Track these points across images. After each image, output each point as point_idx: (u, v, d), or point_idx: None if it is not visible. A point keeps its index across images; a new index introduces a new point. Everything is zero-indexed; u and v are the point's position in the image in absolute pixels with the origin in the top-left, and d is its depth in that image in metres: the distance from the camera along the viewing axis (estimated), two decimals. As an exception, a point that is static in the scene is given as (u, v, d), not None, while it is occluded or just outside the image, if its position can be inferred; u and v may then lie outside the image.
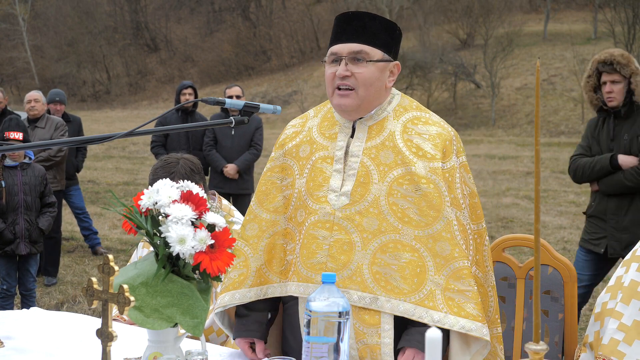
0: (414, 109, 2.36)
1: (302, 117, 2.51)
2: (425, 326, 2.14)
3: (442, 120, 2.37)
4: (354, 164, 2.27)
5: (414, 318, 2.16)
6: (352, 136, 2.32)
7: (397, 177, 2.22)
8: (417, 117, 2.33)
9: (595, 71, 4.72)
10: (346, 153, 2.30)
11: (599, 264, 4.89)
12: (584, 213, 5.01)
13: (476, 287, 2.18)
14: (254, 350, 2.37)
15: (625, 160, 4.64)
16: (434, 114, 2.38)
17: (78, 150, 8.35)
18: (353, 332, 2.20)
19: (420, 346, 2.15)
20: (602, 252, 4.75)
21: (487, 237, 2.33)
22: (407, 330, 2.21)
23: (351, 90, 2.26)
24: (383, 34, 2.29)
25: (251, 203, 2.45)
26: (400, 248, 2.18)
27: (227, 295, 2.37)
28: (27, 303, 5.82)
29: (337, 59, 2.28)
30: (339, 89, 2.27)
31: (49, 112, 8.06)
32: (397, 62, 2.34)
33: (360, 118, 2.32)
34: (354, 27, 2.26)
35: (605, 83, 4.66)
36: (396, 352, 2.21)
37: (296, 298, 2.30)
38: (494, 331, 2.28)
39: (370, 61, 2.26)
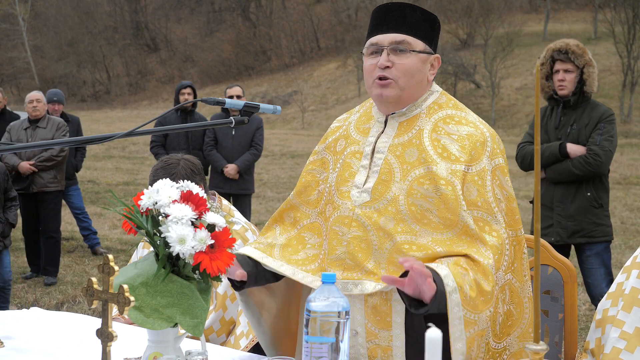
0: (450, 107, 2.27)
1: (350, 112, 2.48)
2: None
3: (480, 120, 2.27)
4: (378, 161, 2.23)
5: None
6: (383, 131, 2.28)
7: (418, 176, 2.16)
8: (450, 116, 2.24)
9: (549, 59, 4.79)
10: (374, 149, 2.26)
11: None
12: (530, 202, 5.05)
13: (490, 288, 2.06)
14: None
15: (573, 148, 4.71)
16: (472, 113, 2.29)
17: (77, 150, 8.36)
18: (364, 331, 2.19)
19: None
20: (552, 240, 4.76)
21: (525, 245, 2.25)
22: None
23: (391, 80, 2.20)
24: (424, 25, 2.24)
25: (292, 193, 2.45)
26: (415, 249, 2.12)
27: (256, 251, 2.35)
28: (4, 296, 5.89)
29: (377, 50, 2.22)
30: (379, 79, 2.21)
31: (47, 111, 8.08)
32: (437, 55, 2.29)
33: (393, 113, 2.27)
34: (394, 17, 2.22)
35: (558, 71, 4.74)
36: (408, 356, 2.18)
37: None
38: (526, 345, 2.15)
39: (413, 51, 2.20)
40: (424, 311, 1.99)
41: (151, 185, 2.71)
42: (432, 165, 2.14)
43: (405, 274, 2.01)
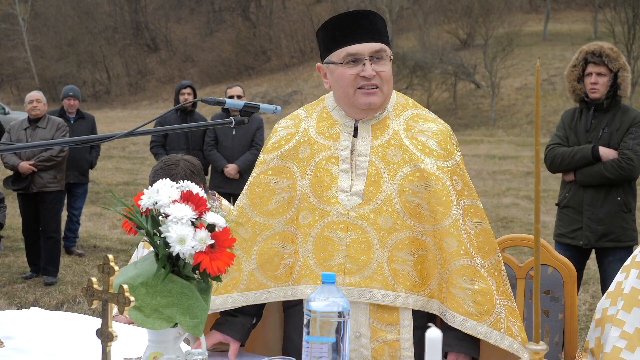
0: (411, 107, 2.39)
1: (293, 117, 2.46)
2: (453, 330, 2.21)
3: (437, 116, 2.42)
4: (362, 163, 2.27)
5: (426, 309, 2.23)
6: (354, 135, 2.31)
7: (407, 174, 2.25)
8: (416, 115, 2.36)
9: (582, 61, 4.77)
10: (351, 153, 2.29)
11: (579, 258, 4.89)
12: (557, 204, 5.03)
13: (477, 286, 2.20)
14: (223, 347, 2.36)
15: (605, 152, 4.67)
16: (429, 110, 2.42)
17: (92, 147, 8.43)
18: (368, 331, 2.21)
19: (460, 349, 2.23)
20: (581, 244, 4.75)
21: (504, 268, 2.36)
22: (446, 333, 2.21)
23: (376, 88, 2.27)
24: (385, 31, 2.33)
25: (242, 205, 2.39)
26: (414, 244, 2.22)
27: (218, 298, 2.33)
28: None
29: (356, 59, 2.26)
30: (362, 88, 2.26)
31: (63, 107, 8.17)
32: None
33: (365, 117, 2.32)
34: (366, 25, 2.27)
35: (590, 74, 4.71)
36: (417, 353, 2.23)
37: (302, 300, 2.27)
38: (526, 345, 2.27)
39: (389, 58, 2.30)
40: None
41: (151, 186, 2.72)
42: (419, 162, 2.25)
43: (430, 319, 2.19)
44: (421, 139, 2.29)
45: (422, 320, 2.24)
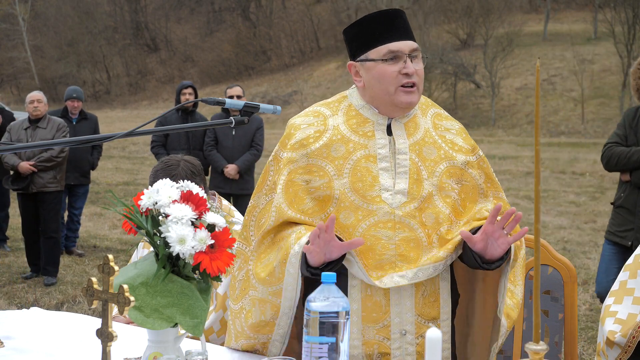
0: (431, 106, 2.45)
1: (315, 114, 2.40)
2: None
3: None
4: (403, 162, 2.28)
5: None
6: (388, 134, 2.33)
7: (443, 171, 2.30)
8: (438, 114, 2.44)
9: None
10: (389, 151, 2.30)
11: (624, 257, 4.85)
12: (612, 203, 4.95)
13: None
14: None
15: None
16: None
17: (94, 147, 8.44)
18: (413, 328, 2.23)
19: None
20: (630, 244, 4.66)
21: None
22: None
23: (414, 87, 2.30)
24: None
25: (279, 205, 2.29)
26: (453, 239, 2.27)
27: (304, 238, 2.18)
28: None
29: (397, 57, 2.28)
30: (405, 86, 2.28)
31: (66, 108, 8.17)
32: None
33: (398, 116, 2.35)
34: (400, 24, 2.31)
35: None
36: (453, 340, 2.34)
37: None
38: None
39: (423, 57, 2.35)
40: (496, 266, 2.21)
41: (151, 186, 2.72)
42: (452, 159, 2.32)
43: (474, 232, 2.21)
44: (449, 137, 2.37)
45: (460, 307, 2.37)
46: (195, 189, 1.91)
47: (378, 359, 2.25)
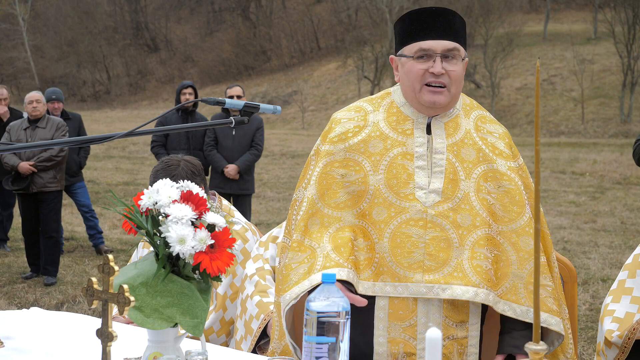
0: (476, 108, 2.42)
1: (357, 109, 2.41)
2: (525, 329, 2.23)
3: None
4: (439, 161, 2.27)
5: (497, 310, 2.22)
6: (427, 132, 2.31)
7: (482, 173, 2.27)
8: (482, 116, 2.39)
9: None
10: (427, 149, 2.29)
11: None
12: None
13: (551, 283, 2.26)
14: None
15: None
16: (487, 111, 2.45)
17: (80, 147, 8.35)
18: (440, 329, 2.20)
19: (518, 351, 2.23)
20: None
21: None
22: (510, 334, 2.25)
23: (443, 87, 2.26)
24: (463, 31, 2.32)
25: (312, 197, 2.32)
26: (491, 242, 2.24)
27: (296, 287, 2.22)
28: None
29: (427, 55, 2.26)
30: (430, 85, 2.26)
31: (47, 111, 8.07)
32: (467, 58, 2.37)
33: (436, 114, 2.32)
34: (442, 23, 2.26)
35: None
36: (480, 348, 2.29)
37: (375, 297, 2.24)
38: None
39: (461, 59, 2.29)
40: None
41: (151, 186, 2.73)
42: (492, 163, 2.29)
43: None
44: (490, 140, 2.33)
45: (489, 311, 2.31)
46: (196, 189, 1.91)
47: (403, 358, 2.24)
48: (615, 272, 7.53)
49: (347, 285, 2.20)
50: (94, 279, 1.70)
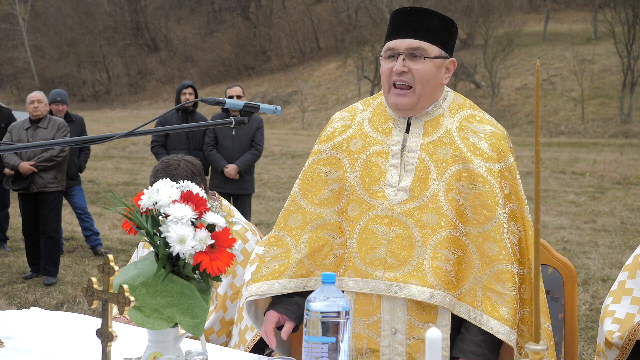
0: (468, 107, 2.37)
1: (350, 110, 2.48)
2: (478, 335, 2.20)
3: (494, 119, 2.39)
4: (411, 159, 2.27)
5: (454, 312, 2.20)
6: (407, 131, 2.32)
7: (455, 173, 2.24)
8: (471, 116, 2.34)
9: None
10: (402, 148, 2.30)
11: None
12: None
13: (515, 293, 2.19)
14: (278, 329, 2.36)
15: None
16: (486, 113, 2.39)
17: (81, 150, 8.35)
18: (405, 328, 2.21)
19: (474, 357, 2.20)
20: None
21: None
22: (460, 337, 2.23)
23: (408, 88, 2.26)
24: (440, 31, 2.29)
25: (294, 194, 2.41)
26: (455, 244, 2.21)
27: (266, 284, 2.34)
28: None
29: (394, 55, 2.27)
30: (395, 86, 2.27)
31: (51, 112, 8.05)
32: (453, 58, 2.34)
33: (413, 115, 2.32)
34: (411, 22, 2.27)
35: None
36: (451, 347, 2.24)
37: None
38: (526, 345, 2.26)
39: (428, 57, 2.25)
40: None
41: (152, 186, 2.74)
42: (468, 162, 2.24)
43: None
44: (473, 140, 2.27)
45: (453, 321, 2.24)
46: (196, 189, 1.91)
47: (367, 354, 2.24)
48: (615, 272, 7.53)
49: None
50: (94, 279, 1.70)
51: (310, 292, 2.32)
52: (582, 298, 6.57)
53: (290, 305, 2.36)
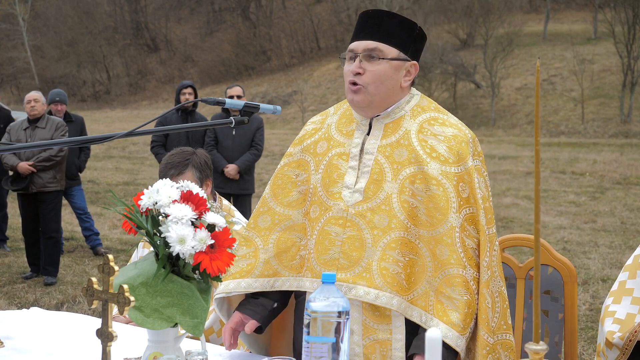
0: (432, 110, 2.35)
1: (323, 114, 2.53)
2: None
3: (461, 122, 2.36)
4: (368, 161, 2.29)
5: (406, 316, 2.19)
6: (368, 133, 2.33)
7: (409, 175, 2.24)
8: (434, 118, 2.32)
9: None
10: (361, 150, 2.31)
11: None
12: None
13: (466, 298, 2.17)
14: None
15: None
16: (452, 116, 2.37)
17: (81, 150, 8.35)
18: (360, 329, 2.21)
19: (419, 351, 2.17)
20: None
21: (497, 243, 2.30)
22: (418, 336, 2.21)
23: (363, 87, 2.28)
24: (400, 33, 2.30)
25: (265, 195, 2.46)
26: (407, 246, 2.21)
27: (233, 282, 2.38)
28: None
29: (353, 56, 2.30)
30: (351, 84, 2.29)
31: (50, 112, 8.05)
32: (414, 62, 2.33)
33: (377, 116, 2.33)
34: (371, 24, 2.29)
35: None
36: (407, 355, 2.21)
37: (306, 293, 2.32)
38: (498, 337, 2.22)
39: (384, 59, 2.27)
40: None
41: (162, 169, 2.87)
42: (423, 165, 2.24)
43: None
44: (431, 142, 2.26)
45: (411, 325, 2.22)
46: (195, 188, 1.91)
47: None
48: (615, 272, 7.53)
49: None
50: (94, 279, 1.70)
51: (277, 292, 2.39)
52: (582, 298, 6.57)
53: (255, 306, 2.38)
